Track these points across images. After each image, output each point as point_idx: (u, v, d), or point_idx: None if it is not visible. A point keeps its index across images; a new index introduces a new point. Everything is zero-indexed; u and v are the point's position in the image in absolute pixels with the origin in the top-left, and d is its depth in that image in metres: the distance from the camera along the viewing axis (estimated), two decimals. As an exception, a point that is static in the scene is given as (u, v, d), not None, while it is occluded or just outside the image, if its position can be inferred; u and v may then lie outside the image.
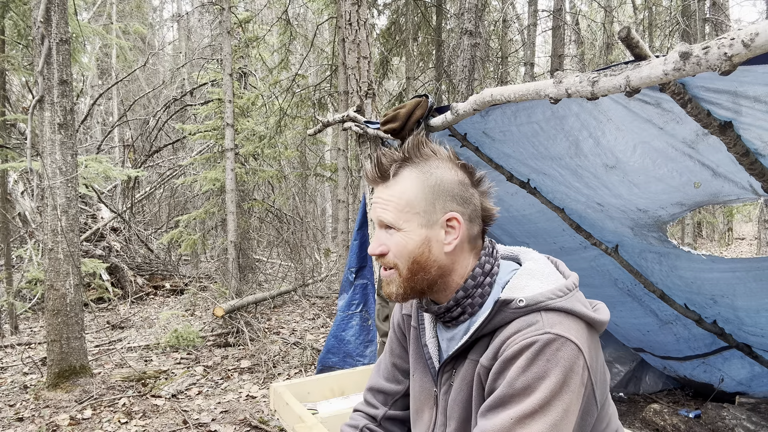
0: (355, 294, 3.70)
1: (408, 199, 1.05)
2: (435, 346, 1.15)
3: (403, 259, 1.05)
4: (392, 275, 1.07)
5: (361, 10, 3.35)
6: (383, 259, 1.08)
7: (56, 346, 4.07)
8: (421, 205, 1.05)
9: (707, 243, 16.45)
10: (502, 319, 0.99)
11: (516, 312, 0.98)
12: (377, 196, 1.08)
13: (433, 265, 1.06)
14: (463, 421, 1.06)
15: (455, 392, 1.07)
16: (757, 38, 1.09)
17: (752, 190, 2.09)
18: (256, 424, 3.53)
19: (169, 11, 21.11)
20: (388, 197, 1.06)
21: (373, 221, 1.11)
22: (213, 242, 8.62)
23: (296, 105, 8.44)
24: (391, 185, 1.06)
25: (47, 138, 4.04)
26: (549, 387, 0.90)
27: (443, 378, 1.11)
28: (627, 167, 2.35)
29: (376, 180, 1.09)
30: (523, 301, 0.98)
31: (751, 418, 3.07)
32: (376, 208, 1.08)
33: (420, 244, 1.05)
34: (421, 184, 1.05)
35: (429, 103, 2.67)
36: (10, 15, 5.67)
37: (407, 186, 1.05)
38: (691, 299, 3.14)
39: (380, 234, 1.08)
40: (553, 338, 0.92)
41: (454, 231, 1.06)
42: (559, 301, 0.98)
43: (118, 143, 12.91)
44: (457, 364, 1.08)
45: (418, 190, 1.05)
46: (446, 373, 1.10)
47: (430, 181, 1.06)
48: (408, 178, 1.06)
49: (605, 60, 10.15)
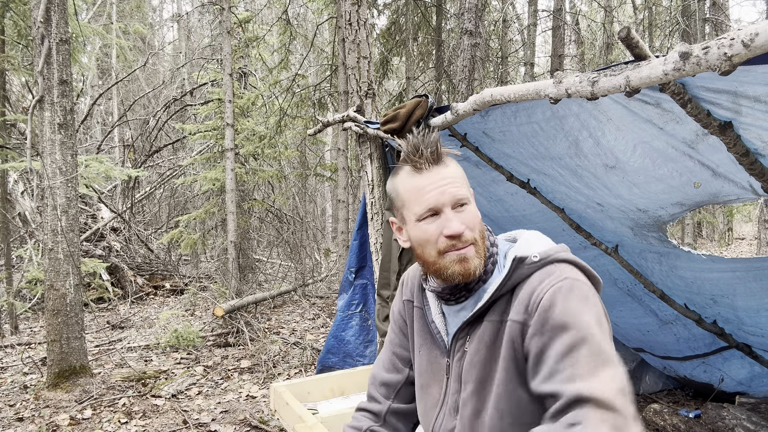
0: (354, 294, 3.70)
1: (461, 173, 1.14)
2: (442, 322, 1.20)
3: (477, 228, 1.11)
4: (470, 250, 1.09)
5: (361, 10, 3.35)
6: (463, 237, 1.08)
7: (56, 346, 4.07)
8: (466, 181, 1.14)
9: (707, 243, 16.45)
10: (519, 275, 1.07)
11: (532, 267, 1.07)
12: (440, 178, 1.08)
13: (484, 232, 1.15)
14: (480, 381, 1.09)
15: (471, 355, 1.11)
16: (757, 38, 1.09)
17: (752, 190, 2.09)
18: (256, 424, 3.53)
19: (169, 11, 21.12)
20: (453, 175, 1.10)
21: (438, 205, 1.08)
22: (213, 242, 8.62)
23: (296, 105, 8.44)
24: (447, 165, 1.11)
25: (47, 138, 4.04)
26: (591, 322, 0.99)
27: (456, 346, 1.15)
28: (627, 167, 2.35)
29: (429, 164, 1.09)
30: (537, 256, 1.07)
31: (751, 418, 3.07)
32: (447, 189, 1.08)
33: (477, 212, 1.14)
34: (457, 165, 1.14)
35: (429, 103, 2.68)
36: (10, 15, 5.68)
37: (455, 164, 1.13)
38: (691, 299, 3.14)
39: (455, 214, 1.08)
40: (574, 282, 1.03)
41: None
42: (564, 254, 1.10)
43: (118, 143, 12.91)
44: (472, 330, 1.12)
45: (460, 167, 1.15)
46: (460, 341, 1.15)
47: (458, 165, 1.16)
48: (450, 159, 1.14)
49: (605, 60, 10.15)
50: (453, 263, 1.08)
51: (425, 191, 1.08)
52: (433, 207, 1.08)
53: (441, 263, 1.09)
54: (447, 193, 1.07)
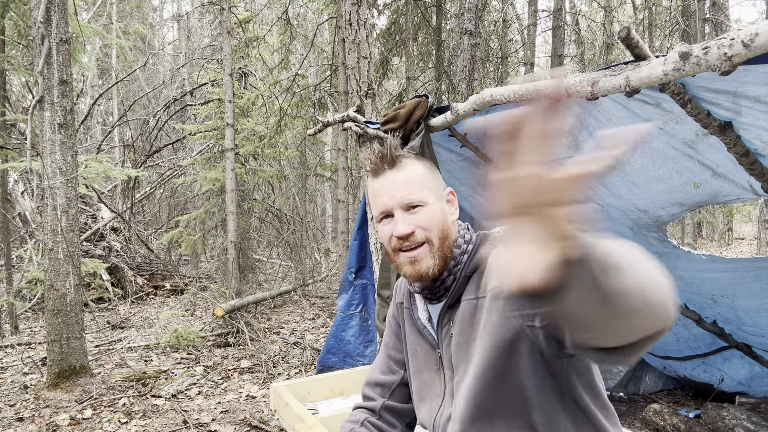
0: (354, 294, 3.70)
1: (422, 176, 1.14)
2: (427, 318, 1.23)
3: (434, 229, 1.12)
4: (423, 251, 1.11)
5: (361, 10, 3.35)
6: (412, 237, 1.11)
7: (56, 346, 4.07)
8: (431, 182, 1.15)
9: (707, 243, 16.45)
10: (486, 251, 1.09)
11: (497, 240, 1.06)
12: (392, 182, 1.12)
13: (450, 232, 1.16)
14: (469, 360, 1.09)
15: (456, 336, 1.12)
16: (756, 38, 1.09)
17: (752, 190, 2.09)
18: (256, 424, 3.53)
19: (169, 11, 21.13)
20: (406, 178, 1.13)
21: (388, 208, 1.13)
22: (213, 242, 8.62)
23: (296, 105, 8.44)
24: (401, 168, 1.14)
25: (47, 138, 4.04)
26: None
27: (443, 333, 1.17)
28: (627, 167, 2.35)
29: (382, 168, 1.14)
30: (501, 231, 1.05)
31: (751, 418, 3.07)
32: (395, 193, 1.12)
33: (441, 214, 1.14)
34: (422, 164, 1.16)
35: (429, 103, 2.67)
36: (10, 15, 5.68)
37: (416, 167, 1.15)
38: (691, 299, 3.14)
39: (405, 216, 1.11)
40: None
41: (453, 203, 1.19)
42: None
43: (118, 143, 12.91)
44: (453, 314, 1.14)
45: (424, 170, 1.16)
46: (444, 327, 1.16)
47: (426, 164, 1.18)
48: (411, 162, 1.15)
49: (605, 60, 10.15)
50: (405, 264, 1.12)
51: (379, 195, 1.14)
52: (385, 210, 1.13)
53: (397, 262, 1.15)
54: (395, 197, 1.11)
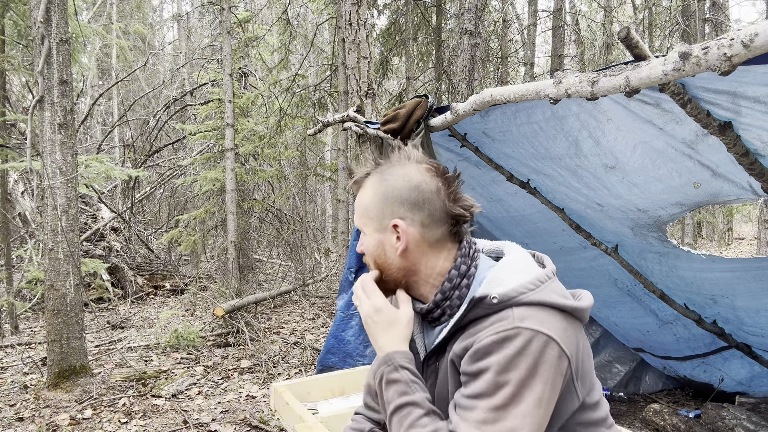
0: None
1: (365, 205, 1.15)
2: (421, 341, 1.20)
3: (370, 259, 1.16)
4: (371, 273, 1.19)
5: (361, 10, 3.35)
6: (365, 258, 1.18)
7: (56, 346, 4.07)
8: (373, 211, 1.13)
9: (707, 243, 16.45)
10: (476, 314, 1.02)
11: (490, 308, 1.00)
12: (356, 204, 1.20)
13: (391, 266, 1.14)
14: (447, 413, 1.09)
15: (439, 385, 1.11)
16: (756, 38, 1.09)
17: (752, 191, 2.10)
18: (256, 424, 3.54)
19: (169, 11, 21.12)
20: (357, 204, 1.17)
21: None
22: (213, 242, 8.63)
23: (296, 105, 8.44)
24: (360, 192, 1.17)
25: (47, 138, 4.04)
26: (518, 379, 0.92)
27: (428, 371, 1.15)
28: (627, 167, 2.35)
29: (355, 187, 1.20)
30: (496, 297, 1.00)
31: (751, 418, 3.07)
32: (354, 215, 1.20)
33: (376, 247, 1.14)
34: (375, 191, 1.14)
35: (429, 103, 2.68)
36: (10, 15, 5.67)
37: (366, 194, 1.15)
38: (691, 299, 3.14)
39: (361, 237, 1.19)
40: (520, 331, 0.94)
41: (399, 234, 1.12)
42: (531, 294, 0.99)
43: (118, 143, 12.91)
44: (440, 358, 1.12)
45: (372, 197, 1.14)
46: (430, 366, 1.15)
47: (380, 189, 1.13)
48: (368, 186, 1.15)
49: (605, 60, 10.15)
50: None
51: None
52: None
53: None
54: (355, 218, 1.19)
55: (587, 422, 1.06)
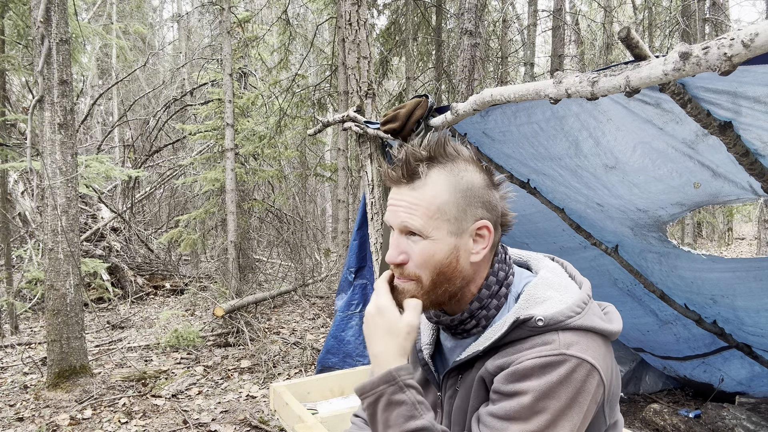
0: (354, 294, 3.70)
1: (439, 204, 0.96)
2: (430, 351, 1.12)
3: (428, 269, 0.97)
4: (410, 286, 0.99)
5: (361, 10, 3.35)
6: (402, 268, 0.99)
7: (56, 346, 4.07)
8: (452, 212, 0.96)
9: (707, 243, 16.44)
10: (518, 335, 0.95)
11: (533, 330, 0.93)
12: (400, 199, 0.98)
13: (459, 276, 0.99)
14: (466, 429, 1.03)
15: (460, 399, 1.03)
16: (756, 38, 1.09)
17: (752, 191, 2.09)
18: (256, 424, 3.53)
19: (169, 11, 21.13)
20: (416, 200, 0.96)
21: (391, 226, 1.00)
22: (213, 242, 8.62)
23: (296, 105, 8.44)
24: (418, 187, 0.97)
25: (47, 138, 4.04)
26: (557, 408, 0.87)
27: (448, 383, 1.07)
28: (627, 167, 2.35)
29: (400, 180, 0.98)
30: (542, 320, 0.92)
31: (751, 418, 3.07)
32: (398, 212, 0.97)
33: (448, 254, 0.97)
34: (453, 187, 0.97)
35: (429, 103, 2.68)
36: (9, 15, 5.67)
37: (439, 189, 0.96)
38: (691, 299, 3.14)
39: (401, 241, 0.98)
40: (567, 359, 0.89)
41: (483, 240, 0.99)
42: (578, 319, 0.93)
43: (118, 143, 12.91)
44: (464, 372, 1.03)
45: (449, 195, 0.96)
46: (452, 379, 1.06)
47: (461, 185, 0.97)
48: (437, 180, 0.97)
49: (605, 60, 10.15)
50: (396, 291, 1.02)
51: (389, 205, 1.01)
52: (388, 223, 1.01)
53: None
54: (396, 215, 0.98)
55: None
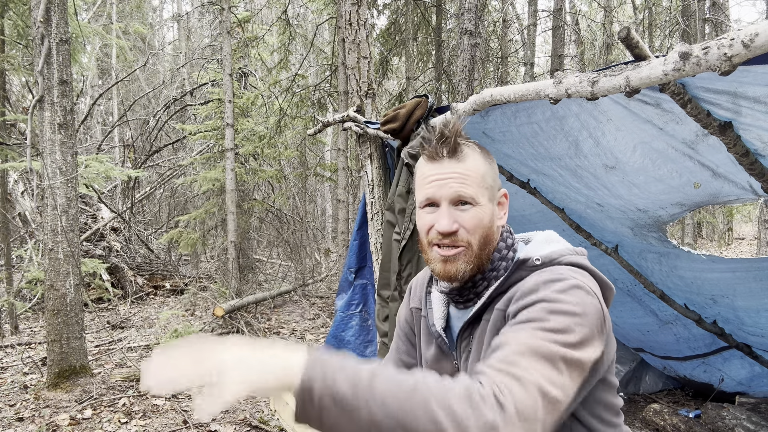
0: (354, 294, 3.70)
1: (482, 173, 1.07)
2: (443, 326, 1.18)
3: (477, 233, 1.05)
4: (460, 253, 1.05)
5: (361, 10, 3.35)
6: (454, 237, 1.05)
7: (56, 346, 4.07)
8: (489, 180, 1.08)
9: (707, 243, 16.45)
10: (518, 276, 1.04)
11: (532, 269, 1.03)
12: (449, 171, 1.04)
13: (494, 239, 1.09)
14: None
15: (474, 354, 1.08)
16: (756, 38, 1.09)
17: (752, 191, 2.09)
18: (256, 424, 3.53)
19: (169, 11, 21.13)
20: (466, 171, 1.05)
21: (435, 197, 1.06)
22: (213, 242, 8.62)
23: (296, 105, 8.44)
24: (463, 159, 1.06)
25: (47, 138, 4.04)
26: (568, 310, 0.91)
27: (462, 346, 1.13)
28: (627, 168, 2.35)
29: (442, 155, 1.06)
30: (539, 259, 1.03)
31: (751, 418, 3.07)
32: (450, 183, 1.04)
33: (490, 219, 1.08)
34: (484, 158, 1.09)
35: (429, 103, 2.67)
36: (9, 15, 5.67)
37: (478, 161, 1.07)
38: (691, 299, 3.14)
39: (451, 211, 1.05)
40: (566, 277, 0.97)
41: (503, 206, 1.13)
42: (572, 257, 1.03)
43: (118, 143, 12.91)
44: (474, 329, 1.10)
45: (485, 166, 1.08)
46: (464, 341, 1.12)
47: (488, 157, 1.10)
48: (473, 153, 1.08)
49: (605, 60, 10.15)
50: (436, 260, 1.07)
51: (428, 180, 1.07)
52: (431, 198, 1.06)
53: (428, 255, 1.09)
54: (447, 186, 1.04)
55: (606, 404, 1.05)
